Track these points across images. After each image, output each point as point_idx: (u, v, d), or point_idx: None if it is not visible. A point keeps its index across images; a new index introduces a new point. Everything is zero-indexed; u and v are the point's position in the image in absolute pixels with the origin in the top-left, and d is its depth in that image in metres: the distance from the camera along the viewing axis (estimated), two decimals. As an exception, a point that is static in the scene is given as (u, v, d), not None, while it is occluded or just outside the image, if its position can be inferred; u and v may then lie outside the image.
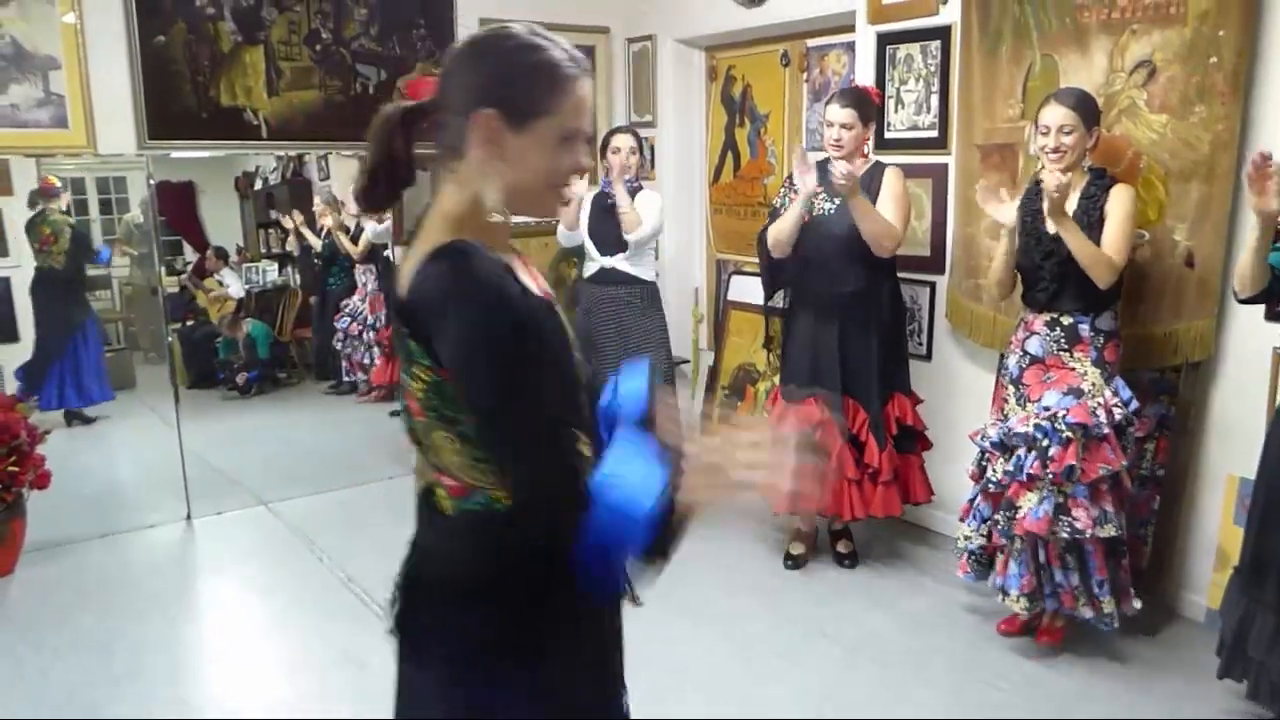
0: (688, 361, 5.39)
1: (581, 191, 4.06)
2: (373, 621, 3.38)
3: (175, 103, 4.13)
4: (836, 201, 3.43)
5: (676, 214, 5.27)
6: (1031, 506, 2.87)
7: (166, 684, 3.00)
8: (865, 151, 3.55)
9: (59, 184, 4.74)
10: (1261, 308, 2.96)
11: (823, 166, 3.45)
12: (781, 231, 3.51)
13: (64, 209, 4.80)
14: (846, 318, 3.48)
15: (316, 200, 5.90)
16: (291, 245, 6.52)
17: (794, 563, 3.73)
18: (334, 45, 4.49)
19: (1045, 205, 2.84)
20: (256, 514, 4.43)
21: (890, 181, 3.46)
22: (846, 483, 3.47)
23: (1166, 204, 3.15)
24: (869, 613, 3.37)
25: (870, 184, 3.45)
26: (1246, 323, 3.06)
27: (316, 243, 6.06)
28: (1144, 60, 3.16)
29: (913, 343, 3.94)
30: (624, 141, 4.07)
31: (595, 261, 4.15)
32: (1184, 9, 3.04)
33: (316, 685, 3.00)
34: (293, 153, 5.84)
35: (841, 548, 3.78)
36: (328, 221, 5.80)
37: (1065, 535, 2.84)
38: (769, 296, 3.97)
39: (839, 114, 3.39)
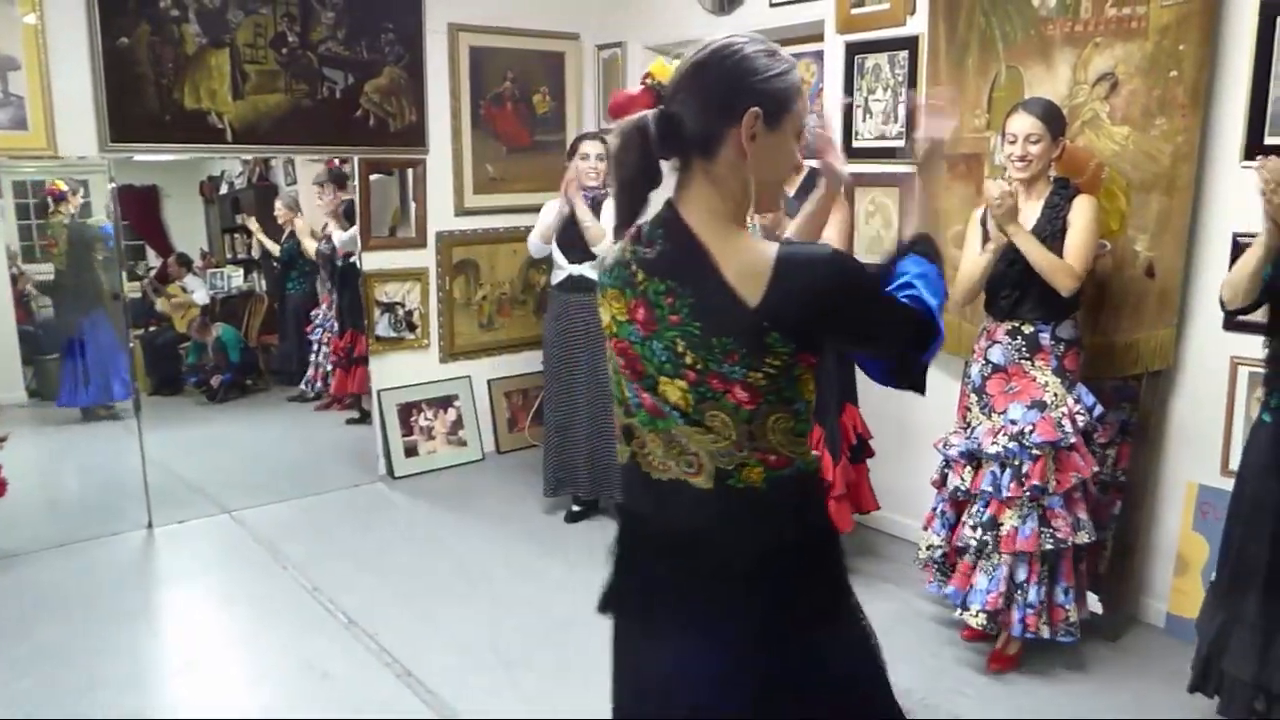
0: (657, 368, 5.38)
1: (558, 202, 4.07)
2: (337, 630, 3.35)
3: (138, 105, 4.07)
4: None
5: (646, 221, 5.27)
6: (1017, 525, 2.89)
7: (127, 695, 2.94)
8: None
9: (65, 188, 4.78)
10: (1220, 318, 3.00)
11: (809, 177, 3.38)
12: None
13: (73, 212, 4.92)
14: None
15: (278, 204, 5.83)
16: (256, 251, 6.45)
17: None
18: (301, 48, 4.45)
19: (991, 214, 2.85)
20: (220, 522, 4.38)
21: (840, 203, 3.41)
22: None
23: (1128, 215, 3.19)
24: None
25: (809, 190, 3.43)
26: (1205, 333, 3.11)
27: (274, 248, 5.99)
28: (1106, 73, 3.20)
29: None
30: (592, 148, 4.07)
31: (564, 269, 4.15)
32: (1145, 23, 3.09)
33: (279, 695, 2.96)
34: (258, 157, 5.79)
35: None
36: (295, 224, 5.74)
37: (1049, 546, 2.87)
38: None
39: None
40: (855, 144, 4.05)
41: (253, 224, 6.09)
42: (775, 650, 1.43)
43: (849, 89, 4.03)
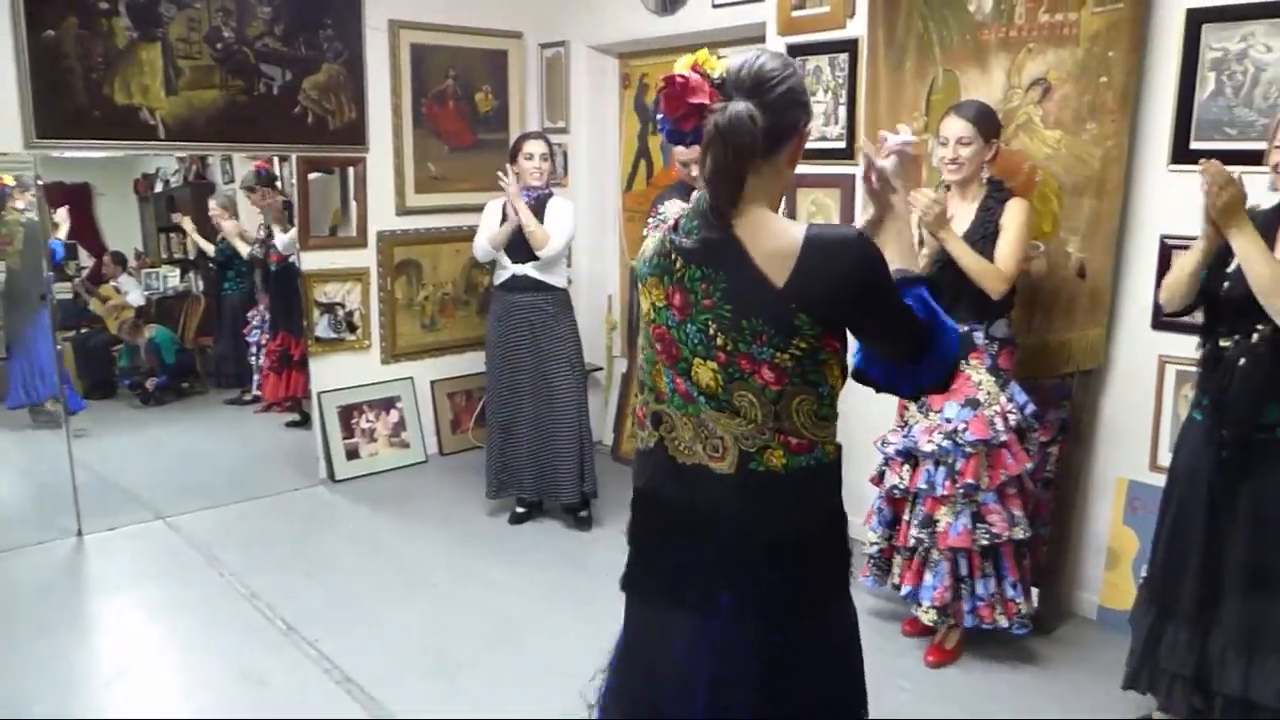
0: (601, 369, 5.38)
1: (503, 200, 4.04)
2: (275, 637, 3.29)
3: (66, 100, 3.96)
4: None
5: (589, 221, 5.26)
6: (950, 522, 2.94)
7: (54, 709, 2.86)
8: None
9: (11, 183, 4.61)
10: (1148, 318, 3.08)
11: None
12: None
13: (21, 209, 4.70)
14: None
15: (212, 204, 5.70)
16: (191, 250, 6.30)
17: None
18: (236, 44, 4.36)
19: (920, 222, 2.88)
20: (153, 529, 4.27)
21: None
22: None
23: (1060, 217, 3.26)
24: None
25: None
26: (1134, 332, 3.19)
27: (209, 248, 5.87)
28: (1039, 78, 3.27)
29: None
30: (535, 147, 4.05)
31: (507, 269, 4.12)
32: (1076, 30, 3.16)
33: (215, 704, 2.90)
34: (194, 154, 5.66)
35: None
36: (225, 226, 5.62)
37: (985, 542, 2.92)
38: None
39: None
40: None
41: (187, 224, 5.94)
42: (787, 626, 1.55)
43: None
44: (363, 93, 4.77)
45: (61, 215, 5.34)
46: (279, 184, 5.20)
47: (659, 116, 1.51)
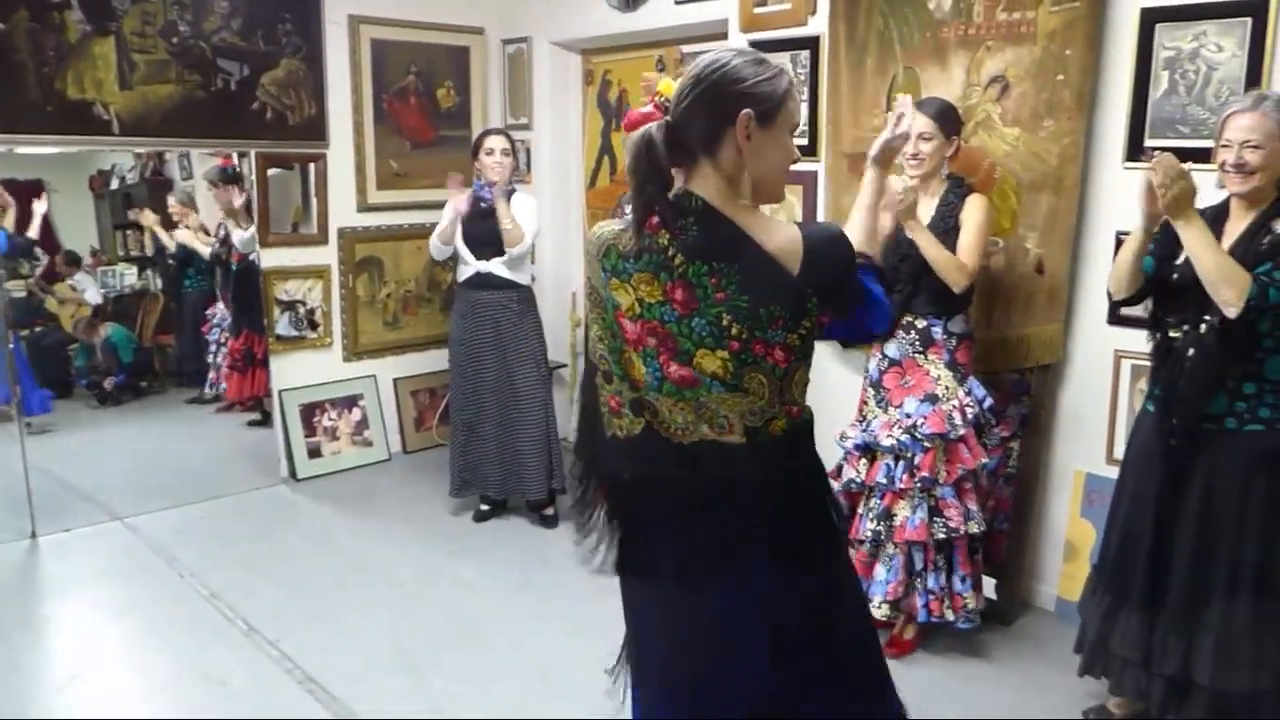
0: (565, 366, 5.37)
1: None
2: (237, 638, 3.25)
3: (17, 95, 3.88)
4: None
5: (553, 218, 5.25)
6: (907, 515, 2.96)
7: (7, 714, 2.81)
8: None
9: None
10: (1105, 313, 3.13)
11: None
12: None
13: None
14: None
15: (171, 200, 5.62)
16: (149, 247, 6.20)
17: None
18: (193, 38, 4.30)
19: (894, 210, 2.91)
20: (110, 530, 4.20)
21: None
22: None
23: (1019, 213, 3.30)
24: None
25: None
26: (1091, 327, 3.23)
27: (171, 243, 5.78)
28: (998, 76, 3.30)
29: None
30: (496, 142, 4.03)
31: (470, 266, 4.10)
32: (1034, 28, 3.19)
33: (174, 708, 2.87)
34: (151, 150, 5.57)
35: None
36: (188, 223, 5.54)
37: (941, 535, 2.95)
38: None
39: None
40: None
41: (147, 218, 5.83)
42: (814, 568, 1.70)
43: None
44: (323, 88, 4.72)
45: (8, 200, 5.21)
46: (244, 182, 5.14)
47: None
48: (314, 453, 4.90)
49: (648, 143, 1.57)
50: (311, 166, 4.80)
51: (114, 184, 6.43)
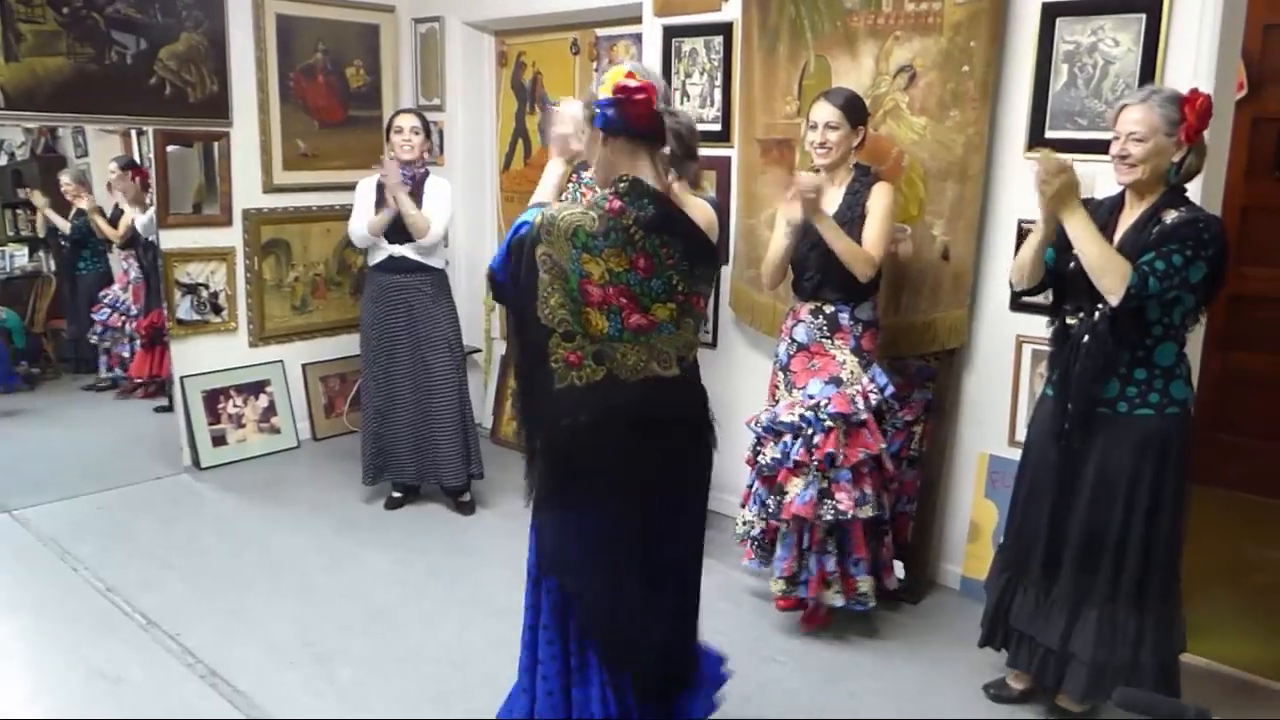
0: (480, 350, 5.31)
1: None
2: (134, 632, 3.14)
3: (-109, 64, 3.66)
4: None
5: (467, 202, 5.17)
6: (798, 491, 3.01)
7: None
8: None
9: None
10: (1007, 299, 3.21)
11: None
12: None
13: None
14: None
15: (64, 179, 5.37)
16: (41, 228, 5.91)
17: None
18: (85, 9, 4.10)
19: (799, 204, 2.91)
20: (-1, 523, 4.02)
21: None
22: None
23: (926, 201, 3.37)
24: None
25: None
26: (994, 313, 3.32)
27: (64, 225, 5.52)
28: (905, 65, 3.36)
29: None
30: (406, 121, 3.96)
31: (384, 249, 4.02)
32: (940, 20, 3.26)
33: (64, 707, 2.75)
34: (42, 125, 5.31)
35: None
36: (83, 204, 5.30)
37: (829, 518, 2.99)
38: None
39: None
40: (674, 127, 4.09)
41: (38, 199, 5.57)
42: (706, 468, 2.27)
43: (666, 72, 4.07)
44: (225, 65, 4.56)
45: None
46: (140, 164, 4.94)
47: (611, 112, 1.97)
48: (219, 440, 4.75)
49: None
50: (215, 145, 4.63)
51: (2, 160, 6.11)
